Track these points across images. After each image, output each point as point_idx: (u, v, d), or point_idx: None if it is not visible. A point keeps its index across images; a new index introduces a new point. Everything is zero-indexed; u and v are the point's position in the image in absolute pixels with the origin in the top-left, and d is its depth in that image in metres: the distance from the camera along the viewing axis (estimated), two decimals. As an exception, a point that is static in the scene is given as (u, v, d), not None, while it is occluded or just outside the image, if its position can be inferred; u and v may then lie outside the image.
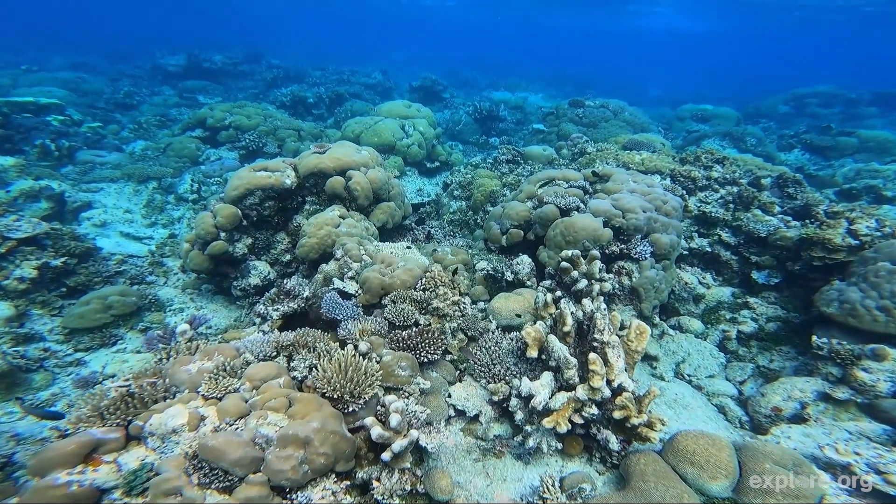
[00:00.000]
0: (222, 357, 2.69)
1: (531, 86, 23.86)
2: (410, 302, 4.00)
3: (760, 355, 4.31)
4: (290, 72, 18.39)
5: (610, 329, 3.49)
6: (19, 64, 14.77)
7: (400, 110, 9.21)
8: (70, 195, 6.30)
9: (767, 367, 4.17)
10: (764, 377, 4.13)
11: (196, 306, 4.61)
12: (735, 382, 4.27)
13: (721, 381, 4.33)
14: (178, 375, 2.55)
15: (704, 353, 4.57)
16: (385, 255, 4.19)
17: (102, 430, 2.13)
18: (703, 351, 4.60)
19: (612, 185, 5.02)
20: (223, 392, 2.54)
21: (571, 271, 4.45)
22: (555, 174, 5.65)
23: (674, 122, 11.72)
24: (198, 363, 2.64)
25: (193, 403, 2.45)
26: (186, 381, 2.55)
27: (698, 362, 4.53)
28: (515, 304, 4.60)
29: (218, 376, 2.55)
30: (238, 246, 4.52)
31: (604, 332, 3.43)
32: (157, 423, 2.26)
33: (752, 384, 4.17)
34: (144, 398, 2.33)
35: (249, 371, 2.76)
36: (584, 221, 4.56)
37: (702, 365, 4.50)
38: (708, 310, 4.84)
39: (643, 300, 4.61)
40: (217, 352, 2.72)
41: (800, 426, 3.31)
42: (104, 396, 2.29)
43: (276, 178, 4.51)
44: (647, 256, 4.46)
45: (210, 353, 2.70)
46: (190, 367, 2.63)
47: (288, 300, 3.62)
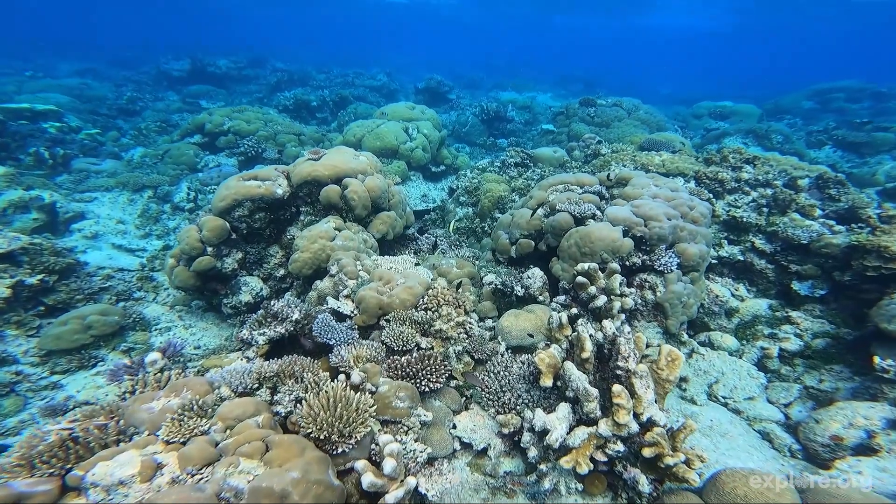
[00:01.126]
0: (191, 393, 2.36)
1: (539, 85, 23.42)
2: (411, 324, 3.64)
3: (807, 375, 3.86)
4: (294, 75, 18.23)
5: (636, 355, 3.09)
6: (26, 70, 14.78)
7: (403, 112, 8.88)
8: (62, 205, 6.07)
9: (817, 389, 3.72)
10: (814, 400, 3.68)
11: (184, 325, 4.31)
12: (779, 405, 3.82)
13: (762, 403, 3.88)
14: (137, 415, 2.21)
15: (741, 373, 4.12)
16: (383, 272, 3.83)
17: (28, 482, 1.80)
18: (738, 370, 4.15)
19: (631, 189, 4.60)
20: (188, 435, 2.20)
21: (588, 286, 4.05)
22: (568, 178, 5.24)
23: (690, 119, 11.19)
24: (162, 400, 2.30)
25: (150, 449, 2.11)
26: (147, 422, 2.20)
27: (734, 383, 4.08)
28: (527, 323, 4.22)
29: (183, 416, 2.21)
30: (227, 261, 4.20)
31: (629, 360, 3.03)
32: (101, 473, 1.92)
33: (801, 407, 3.72)
34: (90, 443, 1.99)
35: (223, 409, 2.41)
36: (601, 231, 4.16)
37: (738, 386, 4.05)
38: (742, 325, 4.40)
39: (669, 316, 4.19)
40: (186, 387, 2.38)
41: (870, 459, 2.86)
42: (41, 441, 1.96)
43: (266, 187, 4.19)
44: (673, 268, 4.03)
45: (178, 389, 2.36)
46: (153, 404, 2.29)
47: (275, 324, 3.28)
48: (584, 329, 3.39)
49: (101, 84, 16.48)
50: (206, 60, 17.90)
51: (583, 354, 3.26)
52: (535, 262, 5.06)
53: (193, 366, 3.18)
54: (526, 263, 5.10)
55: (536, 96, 19.21)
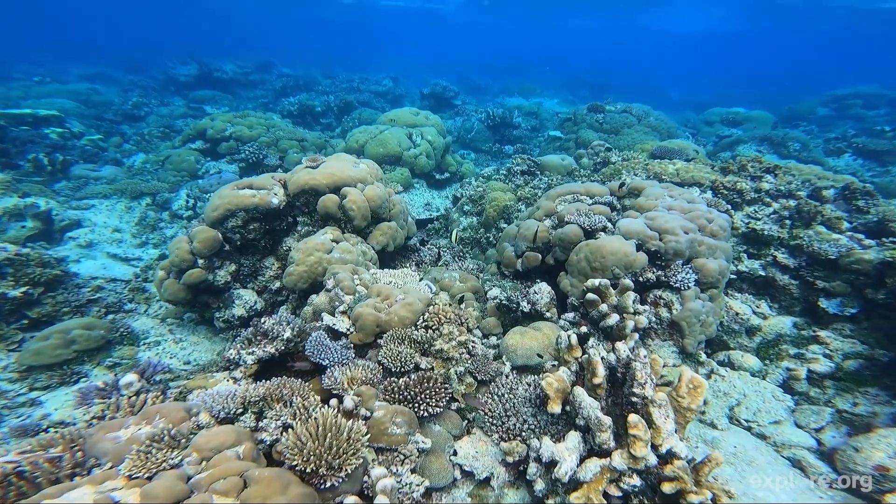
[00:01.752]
0: (164, 421, 2.14)
1: (545, 91, 23.24)
2: (409, 343, 3.42)
3: (839, 398, 3.58)
4: (300, 80, 18.23)
5: (652, 381, 2.84)
6: (34, 75, 14.89)
7: (407, 118, 8.71)
8: (58, 213, 5.95)
9: (851, 413, 3.44)
10: (848, 425, 3.40)
11: (174, 339, 4.13)
12: (810, 430, 3.53)
13: (790, 427, 3.60)
14: (100, 445, 1.99)
15: (765, 395, 3.85)
16: (382, 288, 3.62)
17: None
18: (762, 392, 3.87)
19: (644, 200, 4.36)
20: (155, 469, 1.98)
21: (599, 304, 3.81)
22: (577, 188, 5.02)
23: (701, 126, 10.91)
24: (131, 428, 2.08)
25: (109, 485, 1.89)
26: (111, 453, 1.98)
27: (757, 405, 3.80)
28: (533, 342, 3.98)
29: (151, 447, 1.99)
30: (219, 273, 4.02)
31: (646, 387, 2.79)
32: (41, 516, 1.71)
33: (834, 432, 3.44)
34: (37, 478, 1.79)
35: (199, 438, 2.19)
36: (613, 245, 3.92)
37: (762, 409, 3.77)
38: (765, 344, 4.12)
39: (686, 335, 3.93)
40: (159, 414, 2.16)
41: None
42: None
43: (261, 196, 4.01)
44: (690, 285, 3.78)
45: (150, 416, 2.15)
46: (120, 433, 2.07)
47: (265, 342, 3.08)
48: (595, 352, 3.15)
49: (109, 89, 16.57)
50: (213, 65, 17.95)
51: (594, 380, 3.02)
52: (541, 276, 4.83)
53: (177, 385, 2.98)
54: (532, 277, 4.87)
55: (543, 102, 19.02)
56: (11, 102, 11.31)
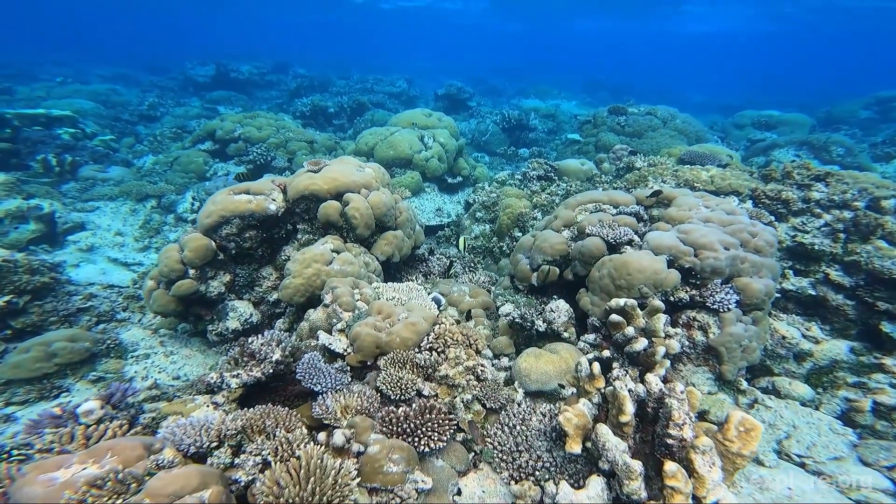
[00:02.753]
0: (116, 459, 1.85)
1: (563, 93, 22.71)
2: (412, 367, 3.09)
3: None
4: (314, 81, 18.18)
5: (691, 421, 2.45)
6: (59, 76, 15.18)
7: (419, 119, 8.42)
8: (61, 215, 5.84)
9: None
10: None
11: (165, 352, 3.89)
12: (881, 468, 3.05)
13: (855, 465, 3.12)
14: (27, 489, 1.67)
15: (820, 427, 3.37)
16: (383, 305, 3.31)
17: None
18: (816, 424, 3.39)
19: (675, 211, 3.94)
20: None
21: (625, 326, 3.41)
22: (599, 196, 4.61)
23: (731, 130, 10.31)
24: (73, 468, 1.78)
25: None
26: (39, 500, 1.68)
27: (811, 439, 3.33)
28: (549, 366, 3.61)
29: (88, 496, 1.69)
30: (213, 284, 3.77)
31: (684, 428, 2.41)
32: None
33: None
34: None
35: (155, 482, 1.87)
36: (641, 261, 3.52)
37: (817, 442, 3.29)
38: (817, 370, 3.65)
39: (725, 362, 3.49)
40: (110, 451, 1.86)
41: None
42: None
43: (257, 202, 3.74)
44: (730, 307, 3.35)
45: (98, 454, 1.84)
46: (57, 474, 1.78)
47: (252, 364, 2.79)
48: (622, 385, 2.76)
49: (130, 90, 16.82)
50: (230, 66, 18.05)
51: (621, 418, 2.63)
52: (559, 291, 4.45)
53: (153, 409, 2.71)
54: (549, 293, 4.49)
55: (561, 104, 18.53)
56: (33, 102, 11.48)
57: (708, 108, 17.91)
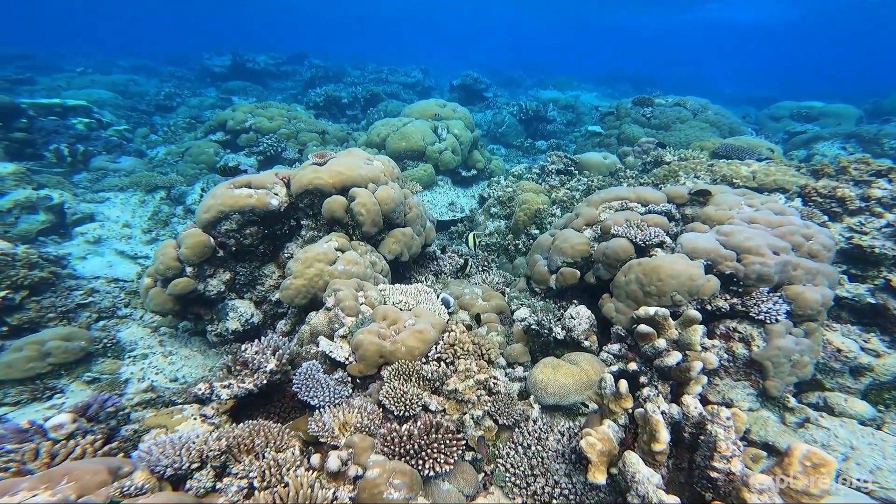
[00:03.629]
0: (72, 486, 1.64)
1: (583, 84, 21.98)
2: (417, 380, 2.84)
3: None
4: (329, 71, 17.96)
5: (740, 451, 2.15)
6: (77, 67, 15.35)
7: (433, 110, 8.09)
8: (70, 206, 5.77)
9: None
10: None
11: (164, 352, 3.74)
12: None
13: None
14: None
15: (885, 449, 2.97)
16: (388, 310, 3.05)
17: None
18: (880, 445, 3.00)
19: (714, 210, 3.55)
20: None
21: (655, 338, 3.08)
22: (625, 193, 4.24)
23: (766, 122, 9.65)
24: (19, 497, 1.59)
25: None
26: None
27: (876, 461, 2.94)
28: (568, 378, 3.31)
29: None
30: (211, 283, 3.59)
31: (732, 461, 2.11)
32: None
33: None
34: None
35: None
36: (674, 265, 3.17)
37: (884, 466, 2.91)
38: (877, 386, 3.26)
39: (770, 377, 3.12)
40: (67, 476, 1.65)
41: None
42: None
43: (258, 197, 3.52)
44: (779, 317, 2.98)
45: (53, 479, 1.63)
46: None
47: (244, 375, 2.59)
48: (654, 408, 2.44)
49: (150, 80, 16.93)
50: (246, 56, 17.98)
51: (655, 447, 2.34)
52: (579, 295, 4.12)
53: (139, 418, 2.53)
54: (568, 297, 4.17)
55: (581, 95, 17.89)
56: (54, 92, 11.60)
57: (738, 100, 16.99)
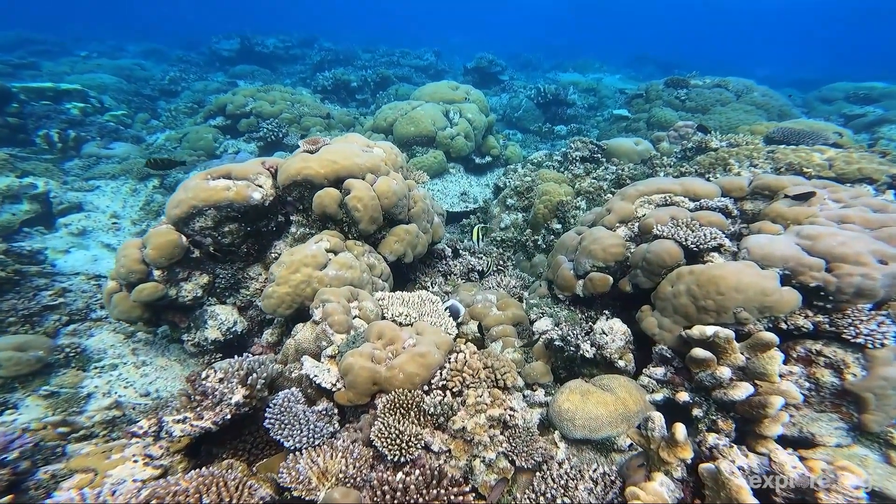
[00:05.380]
0: None
1: (605, 67, 20.74)
2: (417, 414, 2.33)
3: None
4: (339, 54, 17.30)
5: None
6: (93, 52, 15.05)
7: (444, 93, 7.45)
8: (56, 195, 5.40)
9: None
10: None
11: (136, 362, 3.32)
12: None
13: None
14: None
15: None
16: (384, 328, 2.53)
17: None
18: None
19: (786, 206, 2.90)
20: None
21: (714, 365, 2.51)
22: (668, 185, 3.60)
23: (815, 104, 8.69)
24: None
25: None
26: None
27: None
28: (600, 408, 2.77)
29: None
30: (186, 287, 3.12)
31: None
32: None
33: None
34: None
35: None
36: (740, 276, 2.56)
37: None
38: None
39: (871, 411, 2.50)
40: None
41: None
42: None
43: (237, 190, 3.02)
44: (886, 341, 2.35)
45: None
46: None
47: (204, 409, 2.11)
48: (730, 468, 1.89)
49: (159, 65, 16.57)
50: (255, 40, 17.42)
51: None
52: (610, 303, 3.54)
53: (75, 450, 2.08)
54: (597, 306, 3.59)
55: (603, 78, 16.82)
56: (57, 77, 11.29)
57: (776, 83, 15.68)
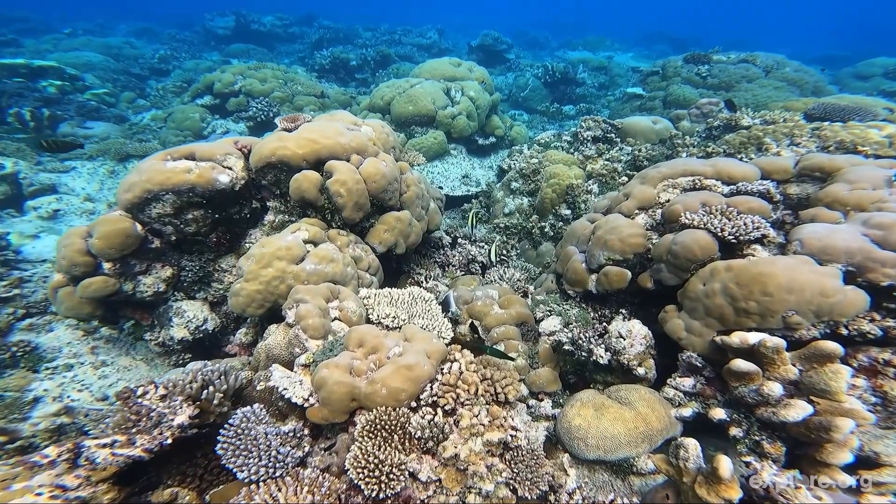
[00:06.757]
0: None
1: (616, 44, 19.83)
2: (401, 438, 1.97)
3: None
4: (339, 33, 16.56)
5: None
6: (68, 28, 14.48)
7: (446, 70, 6.91)
8: (26, 176, 5.02)
9: None
10: None
11: (95, 362, 2.99)
12: None
13: None
14: None
15: None
16: (365, 334, 2.15)
17: None
18: None
19: (845, 190, 2.45)
20: None
21: (759, 378, 2.12)
22: (696, 166, 3.14)
23: (848, 81, 8.04)
24: None
25: None
26: None
27: None
28: (618, 426, 2.43)
29: None
30: (145, 281, 2.75)
31: None
32: None
33: None
34: None
35: None
36: (792, 273, 2.15)
37: None
38: None
39: None
40: None
41: None
42: None
43: (200, 172, 2.61)
44: None
45: None
46: None
47: (137, 432, 1.75)
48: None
49: (151, 44, 15.98)
50: (251, 17, 16.70)
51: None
52: (628, 299, 3.13)
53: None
54: (612, 303, 3.19)
55: (614, 56, 16.01)
56: (39, 55, 10.78)
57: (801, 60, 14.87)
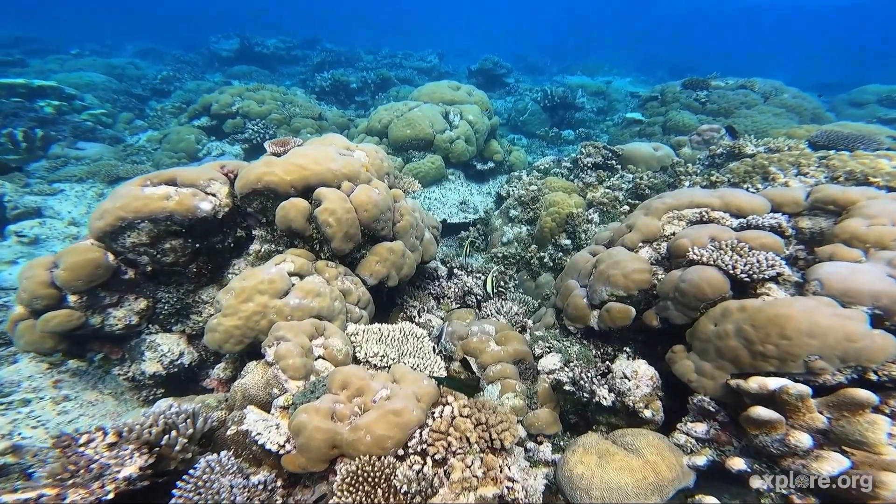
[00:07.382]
0: None
1: (615, 70, 20.24)
2: (386, 491, 1.75)
3: None
4: (341, 56, 16.87)
5: None
6: (75, 48, 14.71)
7: (444, 93, 6.91)
8: (11, 199, 4.89)
9: None
10: None
11: (56, 397, 2.77)
12: None
13: None
14: None
15: None
16: (350, 376, 1.96)
17: None
18: None
19: (863, 225, 2.31)
20: None
21: (781, 427, 1.93)
22: (703, 197, 3.02)
23: (843, 108, 8.09)
24: None
25: None
26: None
27: None
28: (624, 476, 2.21)
29: None
30: (115, 314, 2.57)
31: None
32: None
33: None
34: None
35: None
36: (814, 316, 1.98)
37: None
38: None
39: None
40: None
41: None
42: None
43: (180, 199, 2.47)
44: None
45: None
46: None
47: (73, 486, 1.53)
48: None
49: (155, 65, 16.22)
50: (255, 40, 17.04)
51: None
52: (631, 337, 2.95)
53: None
54: (615, 341, 3.01)
55: (613, 81, 16.27)
56: (44, 75, 10.88)
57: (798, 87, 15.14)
